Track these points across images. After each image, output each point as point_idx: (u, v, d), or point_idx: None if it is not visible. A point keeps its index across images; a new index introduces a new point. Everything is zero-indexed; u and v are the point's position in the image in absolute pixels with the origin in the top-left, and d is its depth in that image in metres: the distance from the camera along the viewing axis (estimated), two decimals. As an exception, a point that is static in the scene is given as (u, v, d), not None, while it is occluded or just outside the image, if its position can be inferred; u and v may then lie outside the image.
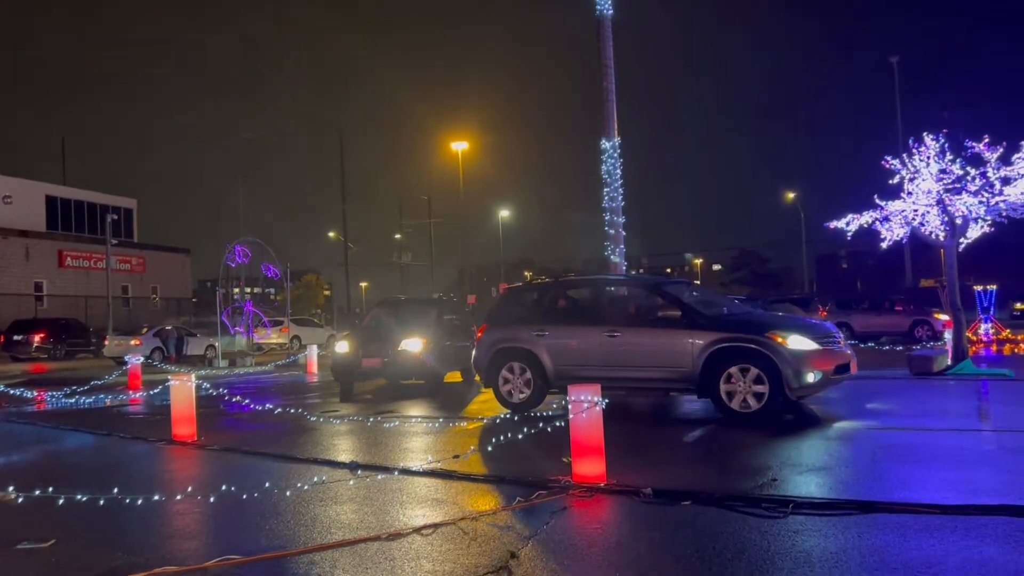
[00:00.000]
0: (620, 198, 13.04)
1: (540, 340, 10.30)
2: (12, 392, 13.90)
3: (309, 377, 19.84)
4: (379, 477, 6.67)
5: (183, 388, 9.11)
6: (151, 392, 14.32)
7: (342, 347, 13.66)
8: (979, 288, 23.16)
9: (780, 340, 8.82)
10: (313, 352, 21.19)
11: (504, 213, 69.53)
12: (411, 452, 8.01)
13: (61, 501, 5.49)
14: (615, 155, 13.09)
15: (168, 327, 28.38)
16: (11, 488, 5.56)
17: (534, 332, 10.37)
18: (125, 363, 26.30)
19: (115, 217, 38.90)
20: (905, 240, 12.83)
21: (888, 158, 12.52)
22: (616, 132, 13.08)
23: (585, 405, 6.09)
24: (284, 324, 34.39)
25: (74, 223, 44.24)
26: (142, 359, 17.82)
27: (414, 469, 6.87)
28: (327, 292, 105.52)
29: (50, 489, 5.52)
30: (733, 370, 8.92)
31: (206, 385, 10.62)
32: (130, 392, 16.19)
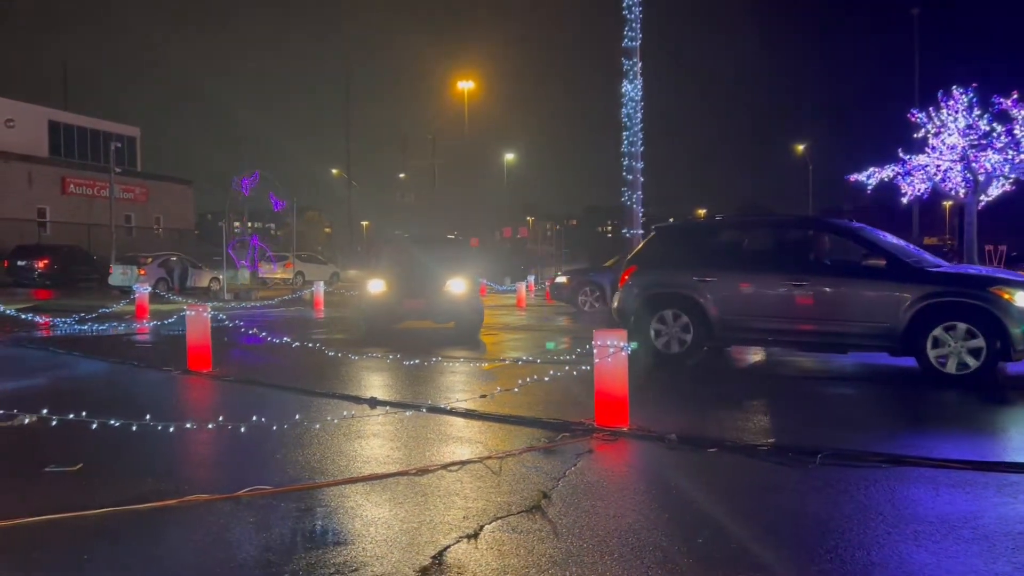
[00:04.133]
0: (639, 143, 12.81)
1: (705, 287, 9.40)
2: (22, 317, 13.84)
3: (316, 313, 19.85)
4: (406, 414, 6.68)
5: (199, 318, 9.07)
6: (162, 322, 14.30)
7: (378, 286, 12.48)
8: (989, 248, 23.08)
9: (1007, 296, 7.97)
10: (320, 288, 21.16)
11: (509, 156, 68.77)
12: (434, 391, 8.00)
13: (94, 426, 5.49)
14: (636, 98, 12.82)
15: (173, 258, 28.31)
16: (39, 412, 5.55)
17: (697, 277, 9.46)
18: (130, 292, 26.42)
19: (119, 145, 38.45)
20: (926, 195, 12.68)
21: (915, 111, 12.29)
22: (639, 75, 12.80)
23: (611, 350, 6.05)
24: (288, 259, 34.31)
25: (77, 150, 43.77)
26: (149, 289, 17.76)
27: (439, 407, 6.87)
28: (327, 230, 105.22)
29: (71, 416, 5.51)
30: (945, 327, 8.08)
31: (221, 316, 10.59)
32: (138, 321, 16.19)
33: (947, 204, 50.01)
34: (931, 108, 12.32)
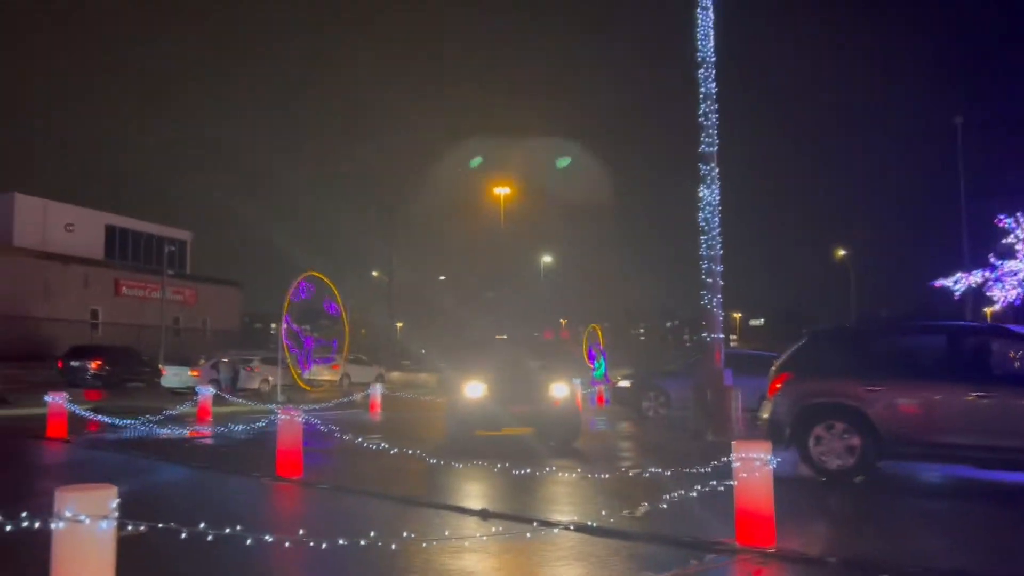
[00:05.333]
0: (719, 247, 12.70)
1: (874, 396, 8.71)
2: (91, 418, 13.75)
3: (372, 415, 19.61)
4: (514, 529, 6.32)
5: (291, 424, 8.88)
6: (227, 425, 14.13)
7: (477, 390, 11.68)
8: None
9: None
10: (376, 390, 20.98)
11: (546, 259, 69.37)
12: (544, 502, 7.64)
13: (210, 538, 5.21)
14: (714, 203, 12.81)
15: (225, 359, 28.40)
16: (136, 521, 5.30)
17: (864, 386, 8.78)
18: (183, 393, 26.44)
19: (172, 248, 39.40)
20: (1018, 301, 12.34)
21: (1002, 216, 12.11)
22: (717, 179, 12.83)
23: (756, 463, 5.71)
24: (335, 361, 34.29)
25: (131, 252, 44.91)
26: (211, 391, 17.67)
27: (560, 522, 6.50)
28: (363, 331, 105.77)
29: (172, 524, 5.25)
30: None
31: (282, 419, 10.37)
32: (202, 424, 16.04)
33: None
34: (1019, 214, 12.14)
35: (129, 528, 4.88)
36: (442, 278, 65.06)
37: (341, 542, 4.50)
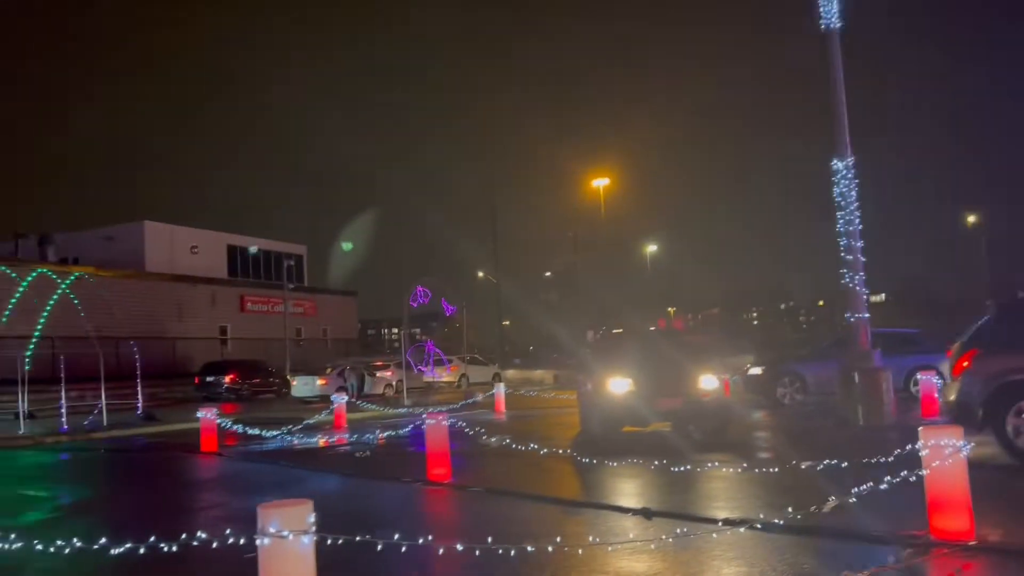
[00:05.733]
0: (857, 221, 12.05)
1: None
2: (240, 431, 14.30)
3: (497, 415, 19.71)
4: (685, 528, 6.11)
5: (438, 428, 8.96)
6: (371, 433, 14.44)
7: (622, 385, 11.23)
8: None
9: None
10: (500, 390, 21.09)
11: (652, 247, 68.31)
12: (705, 499, 7.41)
13: (380, 547, 5.26)
14: (849, 175, 12.18)
15: (350, 367, 29.22)
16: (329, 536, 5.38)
17: None
18: (311, 402, 27.41)
19: (291, 263, 40.87)
20: None
21: None
22: (850, 150, 12.19)
23: (947, 451, 5.32)
24: (454, 362, 34.79)
25: (251, 270, 46.94)
26: (345, 399, 18.16)
27: (732, 520, 6.25)
28: (471, 332, 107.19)
29: (367, 536, 5.30)
30: None
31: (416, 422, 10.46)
32: (338, 431, 16.48)
33: None
34: None
35: (328, 542, 4.94)
36: (548, 274, 64.96)
37: (530, 549, 4.42)
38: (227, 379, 32.24)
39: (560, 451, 9.34)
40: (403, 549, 4.41)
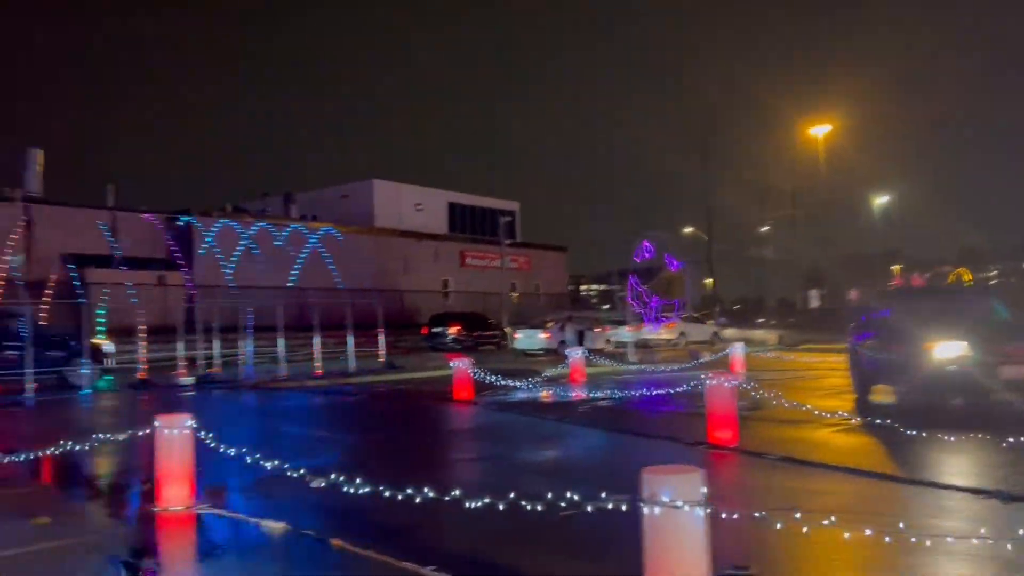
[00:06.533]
0: None
1: None
2: (488, 380, 14.53)
3: (733, 375, 18.79)
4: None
5: (721, 388, 8.41)
6: (612, 389, 14.18)
7: (953, 349, 9.67)
8: None
9: None
10: (738, 350, 20.14)
11: (881, 199, 62.89)
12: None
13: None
14: None
15: (572, 321, 29.27)
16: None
17: None
18: (532, 355, 27.81)
19: (508, 219, 41.60)
20: None
21: None
22: None
23: None
24: (672, 320, 33.99)
25: (469, 226, 48.45)
26: (582, 353, 18.04)
27: None
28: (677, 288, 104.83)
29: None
30: None
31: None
32: (575, 385, 16.38)
33: None
34: None
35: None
36: (764, 228, 61.74)
37: (949, 540, 3.79)
38: (452, 330, 33.54)
39: (849, 417, 8.48)
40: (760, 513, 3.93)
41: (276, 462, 6.15)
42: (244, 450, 6.29)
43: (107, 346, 19.29)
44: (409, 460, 8.68)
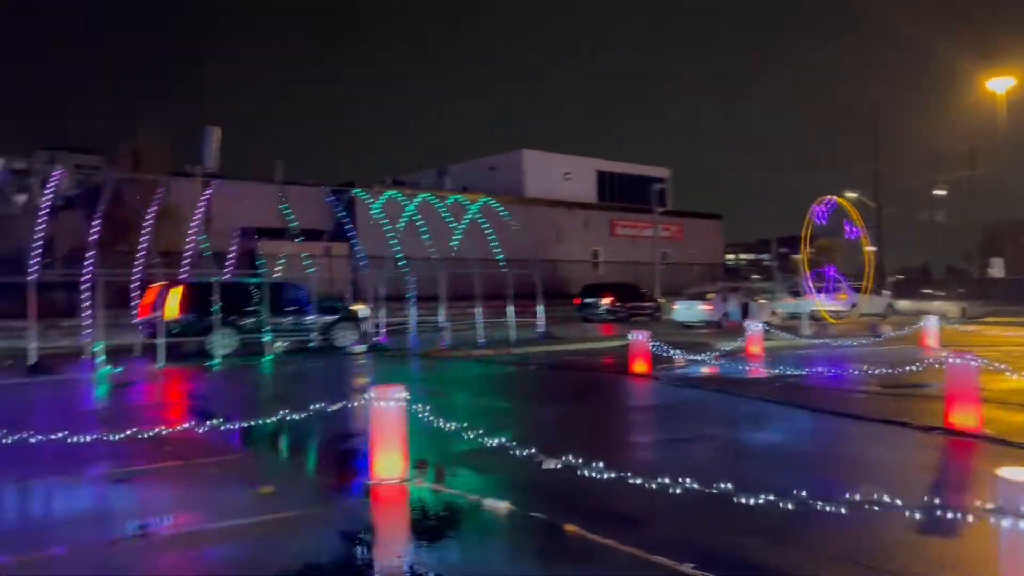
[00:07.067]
0: None
1: None
2: (666, 354, 13.90)
3: (926, 351, 17.21)
4: None
5: (964, 367, 7.45)
6: (796, 365, 13.21)
7: None
8: None
9: None
10: (933, 322, 18.49)
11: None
12: None
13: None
14: None
15: (734, 292, 28.02)
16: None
17: None
18: (692, 327, 26.78)
19: (662, 187, 40.36)
20: None
21: None
22: None
23: None
24: (842, 290, 31.90)
25: (618, 194, 47.46)
26: (761, 327, 17.02)
27: None
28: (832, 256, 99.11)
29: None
30: None
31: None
32: (754, 360, 15.44)
33: None
34: None
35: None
36: (938, 191, 56.96)
37: None
38: (605, 301, 32.95)
39: None
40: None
41: (472, 435, 5.93)
42: (433, 420, 6.07)
43: (363, 311, 21.47)
44: (609, 438, 8.27)
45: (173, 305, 17.71)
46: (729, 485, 4.38)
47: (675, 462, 6.63)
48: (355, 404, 6.39)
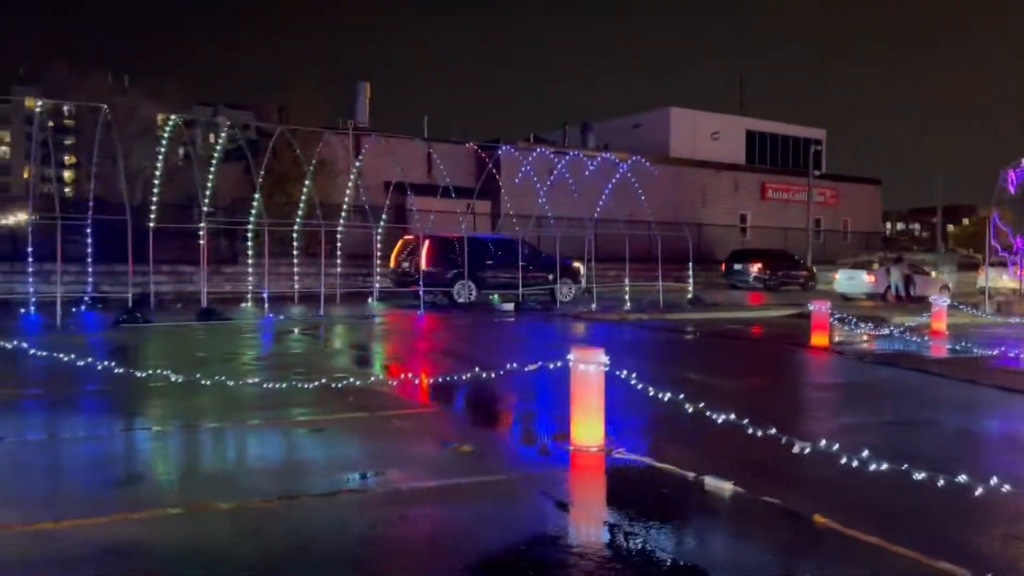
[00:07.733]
0: None
1: None
2: (858, 329, 12.94)
3: None
4: None
5: None
6: (993, 344, 11.92)
7: None
8: None
9: None
10: None
11: None
12: None
13: None
14: None
15: (899, 263, 26.01)
16: None
17: None
18: (852, 299, 25.10)
19: (818, 148, 37.98)
20: None
21: None
22: None
23: None
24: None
25: (769, 156, 45.11)
26: (947, 302, 15.56)
27: None
28: (954, 227, 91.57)
29: None
30: None
31: None
32: (936, 338, 14.11)
33: None
34: None
35: None
36: None
37: None
38: (754, 268, 31.45)
39: None
40: None
41: (666, 401, 5.63)
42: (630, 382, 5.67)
43: (582, 269, 22.83)
44: (814, 417, 7.59)
45: (424, 257, 19.94)
46: (993, 480, 3.96)
47: (906, 449, 5.89)
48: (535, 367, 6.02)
